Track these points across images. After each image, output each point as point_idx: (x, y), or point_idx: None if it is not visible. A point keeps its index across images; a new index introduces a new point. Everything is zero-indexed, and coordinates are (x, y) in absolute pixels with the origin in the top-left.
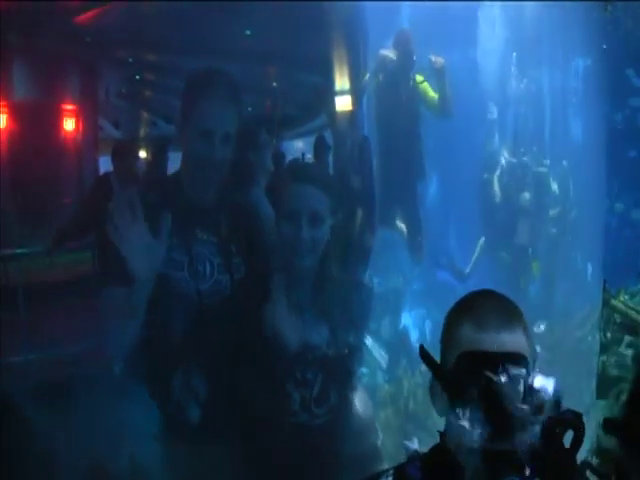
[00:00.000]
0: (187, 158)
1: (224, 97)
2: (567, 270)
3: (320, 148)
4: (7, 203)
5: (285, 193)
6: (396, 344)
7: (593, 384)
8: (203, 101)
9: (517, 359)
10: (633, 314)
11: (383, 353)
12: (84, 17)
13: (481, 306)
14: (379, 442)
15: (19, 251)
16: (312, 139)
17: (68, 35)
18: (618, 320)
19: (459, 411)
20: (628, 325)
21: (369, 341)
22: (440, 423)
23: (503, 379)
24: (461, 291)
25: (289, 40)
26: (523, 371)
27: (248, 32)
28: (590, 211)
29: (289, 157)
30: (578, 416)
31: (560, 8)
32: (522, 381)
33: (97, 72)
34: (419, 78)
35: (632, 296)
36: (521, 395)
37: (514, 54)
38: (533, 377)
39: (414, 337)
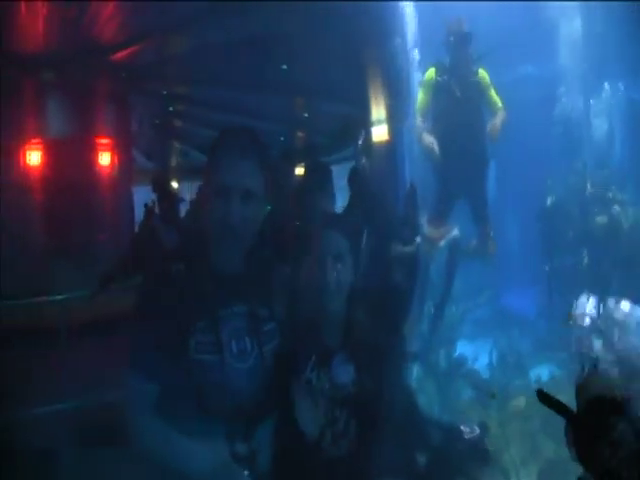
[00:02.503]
0: (207, 220)
1: (243, 151)
2: None
3: (354, 180)
4: (42, 240)
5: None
6: (451, 373)
7: None
8: (220, 156)
9: None
10: None
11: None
12: (119, 54)
13: None
14: None
15: (61, 297)
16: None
17: (104, 71)
18: None
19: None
20: None
21: (421, 371)
22: None
23: None
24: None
25: (324, 72)
26: None
27: (284, 67)
28: None
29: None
30: None
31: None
32: None
33: (131, 105)
34: (482, 73)
35: None
36: None
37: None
38: None
39: (479, 366)
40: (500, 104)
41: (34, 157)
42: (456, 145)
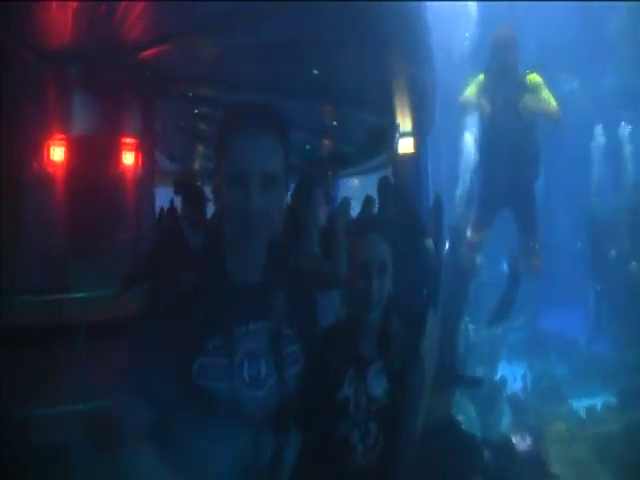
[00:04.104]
0: (221, 213)
1: (262, 129)
2: None
3: (383, 189)
4: (64, 237)
5: (356, 244)
6: (492, 395)
7: None
8: (233, 135)
9: None
10: None
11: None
12: (146, 52)
13: None
14: None
15: (82, 295)
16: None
17: (130, 69)
18: None
19: None
20: None
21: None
22: None
23: None
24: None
25: (354, 79)
26: None
27: (315, 71)
28: None
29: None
30: None
31: None
32: None
33: (156, 106)
34: (533, 75)
35: None
36: None
37: None
38: None
39: (514, 389)
40: (554, 103)
41: (57, 153)
42: (502, 150)
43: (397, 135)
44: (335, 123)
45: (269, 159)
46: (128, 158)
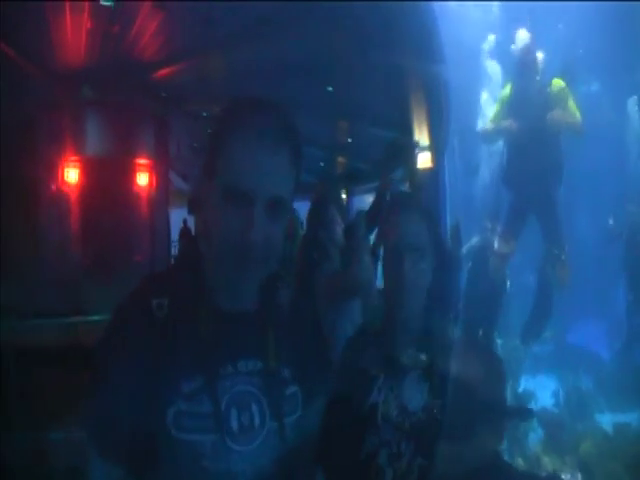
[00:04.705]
0: (211, 236)
1: (270, 136)
2: None
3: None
4: (79, 259)
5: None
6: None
7: None
8: (233, 145)
9: None
10: None
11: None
12: (160, 72)
13: None
14: None
15: (97, 317)
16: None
17: (144, 90)
18: None
19: None
20: None
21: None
22: None
23: None
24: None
25: (369, 96)
26: None
27: (330, 88)
28: None
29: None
30: None
31: None
32: None
33: (170, 126)
34: (558, 83)
35: None
36: None
37: None
38: None
39: (544, 403)
40: (578, 115)
41: (72, 175)
42: (528, 160)
43: (414, 151)
44: (350, 140)
45: (278, 178)
46: (142, 179)
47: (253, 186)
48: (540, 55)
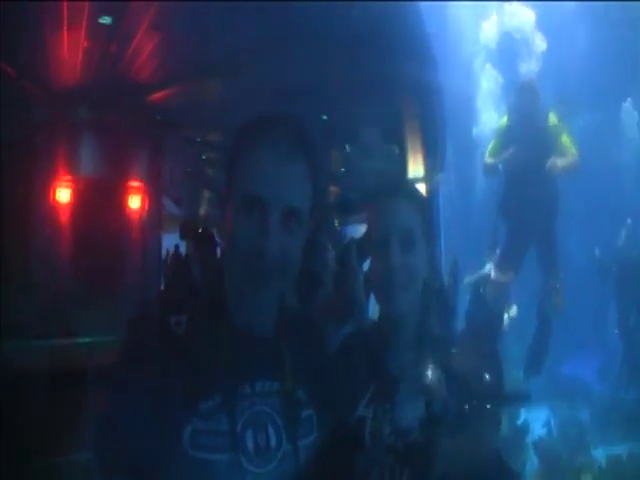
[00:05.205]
0: (229, 251)
1: (286, 148)
2: None
3: None
4: (69, 281)
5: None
6: (515, 440)
7: None
8: (251, 156)
9: None
10: None
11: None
12: (155, 95)
13: None
14: None
15: (87, 340)
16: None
17: (139, 112)
18: None
19: None
20: None
21: None
22: None
23: None
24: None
25: (363, 126)
26: None
27: (325, 117)
28: None
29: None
30: None
31: None
32: None
33: (164, 150)
34: (553, 118)
35: None
36: None
37: None
38: None
39: (537, 435)
40: (574, 150)
41: (64, 195)
42: (525, 191)
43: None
44: (343, 169)
45: (294, 188)
46: (135, 201)
47: (268, 194)
48: (537, 88)
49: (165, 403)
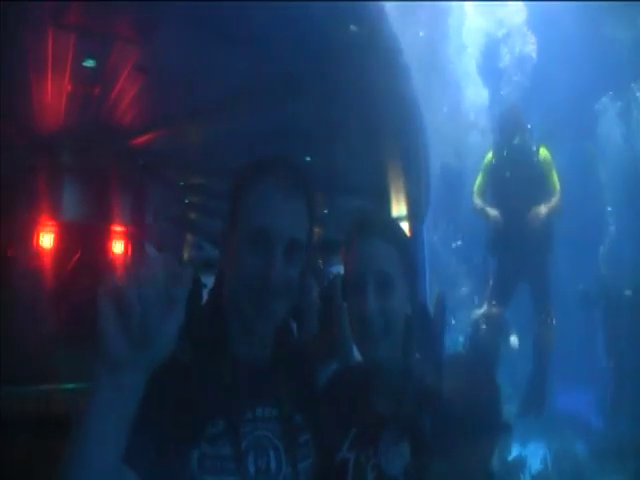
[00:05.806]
0: (234, 280)
1: (287, 186)
2: None
3: None
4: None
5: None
6: (509, 476)
7: None
8: (254, 193)
9: None
10: None
11: None
12: (138, 140)
13: None
14: None
15: (71, 386)
16: None
17: (122, 156)
18: None
19: None
20: None
21: None
22: None
23: None
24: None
25: (347, 167)
26: None
27: (308, 158)
28: None
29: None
30: None
31: None
32: None
33: (147, 195)
34: (544, 153)
35: None
36: None
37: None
38: None
39: (533, 469)
40: (557, 188)
41: (46, 240)
42: (515, 227)
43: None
44: (326, 211)
45: (295, 221)
46: (118, 246)
47: (274, 227)
48: (523, 121)
49: (175, 429)
